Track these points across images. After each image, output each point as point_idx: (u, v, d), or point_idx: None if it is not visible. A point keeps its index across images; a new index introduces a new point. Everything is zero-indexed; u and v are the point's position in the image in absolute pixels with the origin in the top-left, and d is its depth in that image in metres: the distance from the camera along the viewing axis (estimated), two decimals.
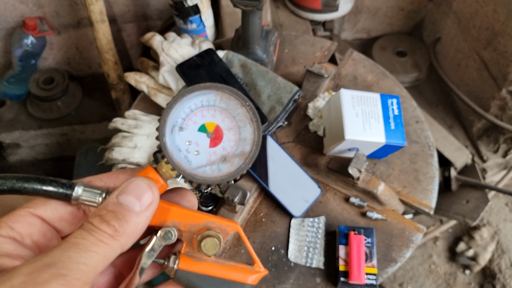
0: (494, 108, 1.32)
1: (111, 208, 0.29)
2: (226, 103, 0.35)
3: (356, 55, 1.00)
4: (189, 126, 0.34)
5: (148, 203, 0.30)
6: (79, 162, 1.45)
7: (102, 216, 0.28)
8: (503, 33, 1.20)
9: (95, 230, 0.28)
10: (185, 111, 0.34)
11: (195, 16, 1.15)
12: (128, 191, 0.30)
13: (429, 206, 0.81)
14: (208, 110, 0.35)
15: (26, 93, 1.55)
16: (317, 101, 0.90)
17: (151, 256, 0.33)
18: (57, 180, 0.31)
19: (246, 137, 0.35)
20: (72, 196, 0.31)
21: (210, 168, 0.34)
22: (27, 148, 1.61)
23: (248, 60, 0.88)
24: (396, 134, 0.77)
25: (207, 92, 0.34)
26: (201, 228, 0.34)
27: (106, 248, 0.27)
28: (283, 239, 0.78)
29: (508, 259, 1.44)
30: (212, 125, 0.35)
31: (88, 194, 0.31)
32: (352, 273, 0.71)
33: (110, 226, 0.28)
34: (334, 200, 0.82)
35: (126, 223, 0.29)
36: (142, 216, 0.30)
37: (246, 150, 0.35)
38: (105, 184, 0.34)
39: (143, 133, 0.86)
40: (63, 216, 0.32)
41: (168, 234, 0.33)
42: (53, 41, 1.49)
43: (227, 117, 0.35)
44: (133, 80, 0.90)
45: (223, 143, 0.35)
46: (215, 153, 0.34)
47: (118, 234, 0.28)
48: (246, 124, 0.35)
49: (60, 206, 0.32)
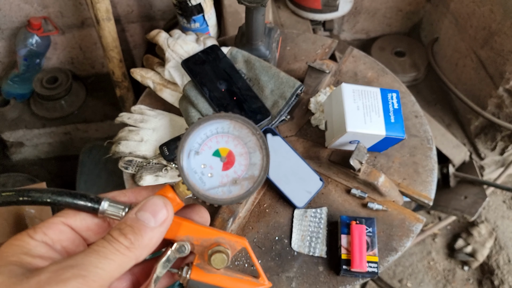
0: (491, 106, 1.34)
1: (129, 223, 0.33)
2: (238, 131, 0.38)
3: (356, 52, 1.03)
4: (204, 151, 0.37)
5: (162, 219, 0.34)
6: (83, 160, 1.46)
7: (121, 229, 0.32)
8: (499, 32, 1.23)
9: (114, 241, 0.31)
10: (201, 137, 0.37)
11: (199, 15, 1.17)
12: (146, 208, 0.34)
13: (429, 198, 0.83)
14: (222, 137, 0.38)
15: (30, 92, 1.57)
16: (319, 96, 0.92)
17: (166, 266, 0.37)
18: (86, 195, 0.35)
19: (256, 162, 0.38)
20: (99, 210, 0.35)
21: (221, 190, 0.37)
22: (31, 146, 1.63)
23: (251, 56, 0.90)
24: (396, 127, 0.79)
25: (222, 121, 0.37)
26: (212, 243, 0.38)
27: (122, 258, 0.31)
28: (287, 229, 0.80)
29: (506, 255, 1.46)
30: (225, 150, 0.38)
31: (113, 209, 0.35)
32: (354, 261, 0.73)
33: (127, 238, 0.32)
34: (335, 192, 0.84)
35: (141, 237, 0.32)
36: (156, 232, 0.33)
37: (255, 174, 0.38)
38: (128, 199, 0.38)
39: (149, 127, 0.88)
40: (90, 226, 0.36)
41: (182, 247, 0.37)
42: (57, 41, 1.52)
43: (239, 143, 0.38)
44: (139, 76, 0.92)
45: (235, 167, 0.38)
46: (227, 176, 0.38)
47: (133, 246, 0.32)
48: (256, 150, 0.38)
49: (87, 217, 0.36)
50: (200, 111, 0.84)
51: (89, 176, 1.45)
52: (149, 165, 0.85)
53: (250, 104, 0.86)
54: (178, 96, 0.90)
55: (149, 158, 0.85)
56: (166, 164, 0.85)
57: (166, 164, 0.85)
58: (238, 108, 0.85)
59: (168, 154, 0.83)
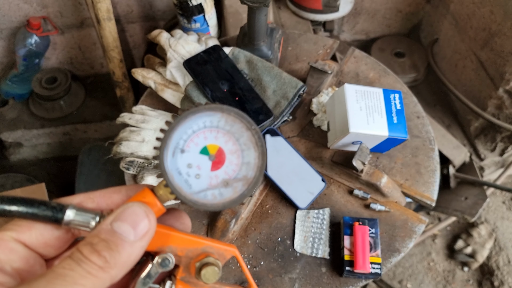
0: (491, 107, 1.35)
1: (104, 237, 0.27)
2: (230, 126, 0.33)
3: (358, 53, 1.03)
4: (190, 148, 0.32)
5: (144, 232, 0.28)
6: (82, 161, 1.46)
7: (94, 245, 0.26)
8: (499, 33, 1.23)
9: (84, 261, 0.26)
10: (187, 132, 0.32)
11: (199, 16, 1.17)
12: (124, 218, 0.28)
13: (431, 198, 0.83)
14: (211, 132, 0.33)
15: (29, 92, 1.56)
16: (321, 96, 0.92)
17: (146, 283, 0.32)
18: (46, 203, 0.29)
19: (250, 161, 0.33)
20: (63, 220, 0.29)
21: (211, 193, 0.33)
22: (29, 147, 1.62)
23: (254, 56, 0.90)
24: (398, 127, 0.79)
25: (212, 113, 0.32)
26: (199, 254, 0.33)
27: (94, 281, 0.25)
28: (289, 230, 0.80)
29: (505, 256, 1.46)
30: (214, 147, 0.33)
31: (81, 218, 0.29)
32: (357, 262, 0.72)
33: (100, 257, 0.26)
34: (338, 193, 0.83)
35: (118, 254, 0.27)
36: (136, 247, 0.28)
37: (249, 175, 0.33)
38: (97, 205, 0.31)
39: (151, 128, 0.88)
40: (49, 242, 0.30)
41: (165, 260, 0.32)
42: (56, 41, 1.51)
43: (230, 139, 0.33)
44: (141, 76, 0.91)
45: (225, 166, 0.33)
46: (217, 177, 0.33)
47: (108, 266, 0.26)
48: (250, 148, 0.33)
49: (46, 229, 0.29)
50: None
51: (89, 176, 1.44)
52: (151, 165, 0.85)
53: (252, 105, 0.85)
54: (180, 96, 0.90)
55: (151, 159, 0.85)
56: None
57: None
58: (240, 108, 0.85)
59: None
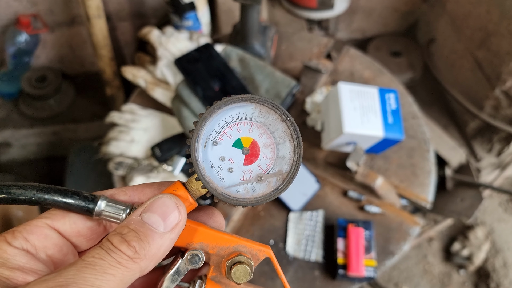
0: (488, 107, 1.33)
1: (133, 227, 0.27)
2: (264, 117, 0.31)
3: (353, 52, 1.01)
4: (223, 141, 0.31)
5: (174, 224, 0.28)
6: (72, 161, 1.43)
7: (123, 235, 0.26)
8: (496, 33, 1.22)
9: (114, 250, 0.25)
10: (220, 124, 0.31)
11: (191, 13, 1.14)
12: (154, 209, 0.28)
13: (427, 200, 0.82)
14: (245, 124, 0.31)
15: (18, 91, 1.53)
16: (315, 95, 0.90)
17: (175, 280, 0.30)
18: (78, 192, 0.29)
19: (285, 155, 0.32)
20: (95, 210, 0.29)
21: (244, 188, 0.31)
22: (19, 147, 1.59)
23: (246, 54, 0.87)
24: (394, 128, 0.77)
25: (245, 104, 0.31)
26: (231, 252, 0.32)
27: (124, 271, 0.25)
28: (282, 233, 0.77)
29: (501, 259, 1.45)
30: (248, 140, 0.31)
31: (112, 209, 0.29)
32: (350, 265, 0.70)
33: (130, 247, 0.26)
34: (332, 194, 0.81)
35: (148, 245, 0.26)
36: (166, 238, 0.27)
37: (284, 170, 0.31)
38: (129, 198, 0.31)
39: (141, 127, 0.85)
40: (82, 231, 0.30)
41: (195, 257, 0.31)
42: (46, 39, 1.48)
43: (265, 132, 0.32)
44: (131, 74, 0.89)
45: (259, 160, 0.31)
46: (250, 171, 0.31)
47: (138, 257, 0.26)
48: (286, 141, 0.32)
49: (79, 220, 0.29)
50: (193, 110, 0.82)
51: (79, 177, 1.41)
52: (140, 166, 0.82)
53: None
54: (170, 95, 0.87)
55: (140, 159, 0.82)
56: (158, 165, 0.82)
57: (158, 165, 0.82)
58: None
59: (161, 155, 0.80)
